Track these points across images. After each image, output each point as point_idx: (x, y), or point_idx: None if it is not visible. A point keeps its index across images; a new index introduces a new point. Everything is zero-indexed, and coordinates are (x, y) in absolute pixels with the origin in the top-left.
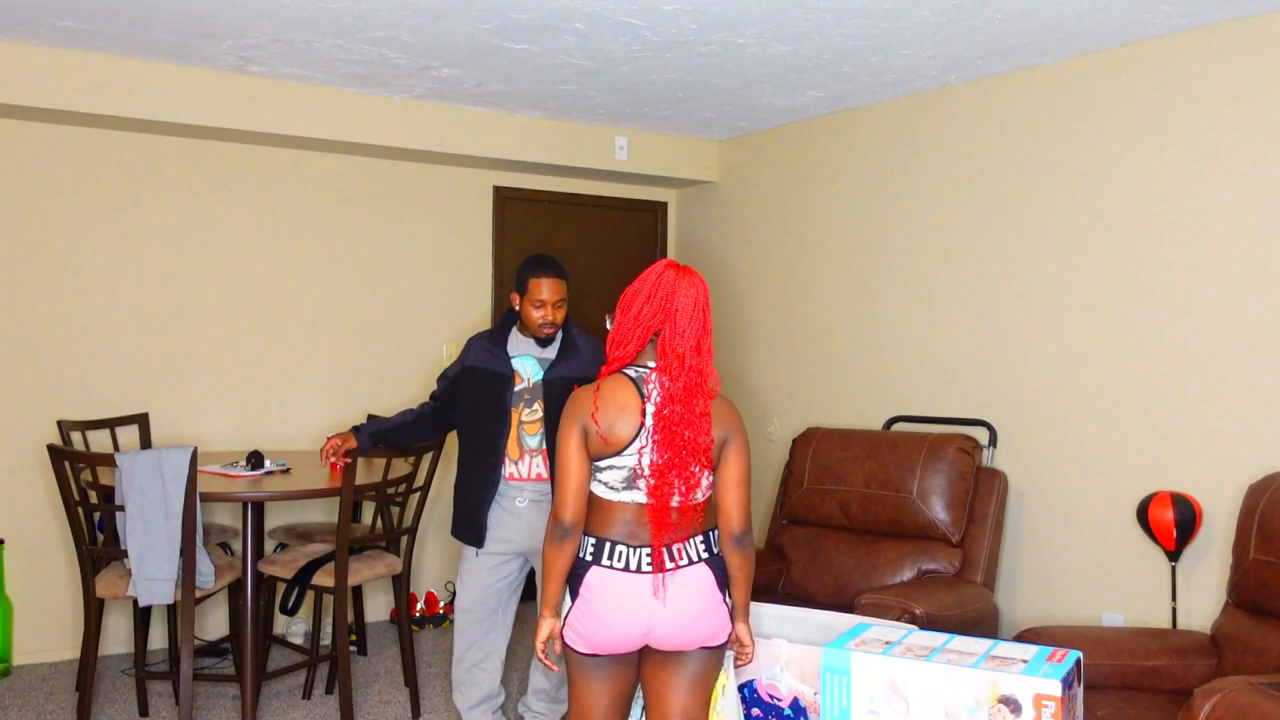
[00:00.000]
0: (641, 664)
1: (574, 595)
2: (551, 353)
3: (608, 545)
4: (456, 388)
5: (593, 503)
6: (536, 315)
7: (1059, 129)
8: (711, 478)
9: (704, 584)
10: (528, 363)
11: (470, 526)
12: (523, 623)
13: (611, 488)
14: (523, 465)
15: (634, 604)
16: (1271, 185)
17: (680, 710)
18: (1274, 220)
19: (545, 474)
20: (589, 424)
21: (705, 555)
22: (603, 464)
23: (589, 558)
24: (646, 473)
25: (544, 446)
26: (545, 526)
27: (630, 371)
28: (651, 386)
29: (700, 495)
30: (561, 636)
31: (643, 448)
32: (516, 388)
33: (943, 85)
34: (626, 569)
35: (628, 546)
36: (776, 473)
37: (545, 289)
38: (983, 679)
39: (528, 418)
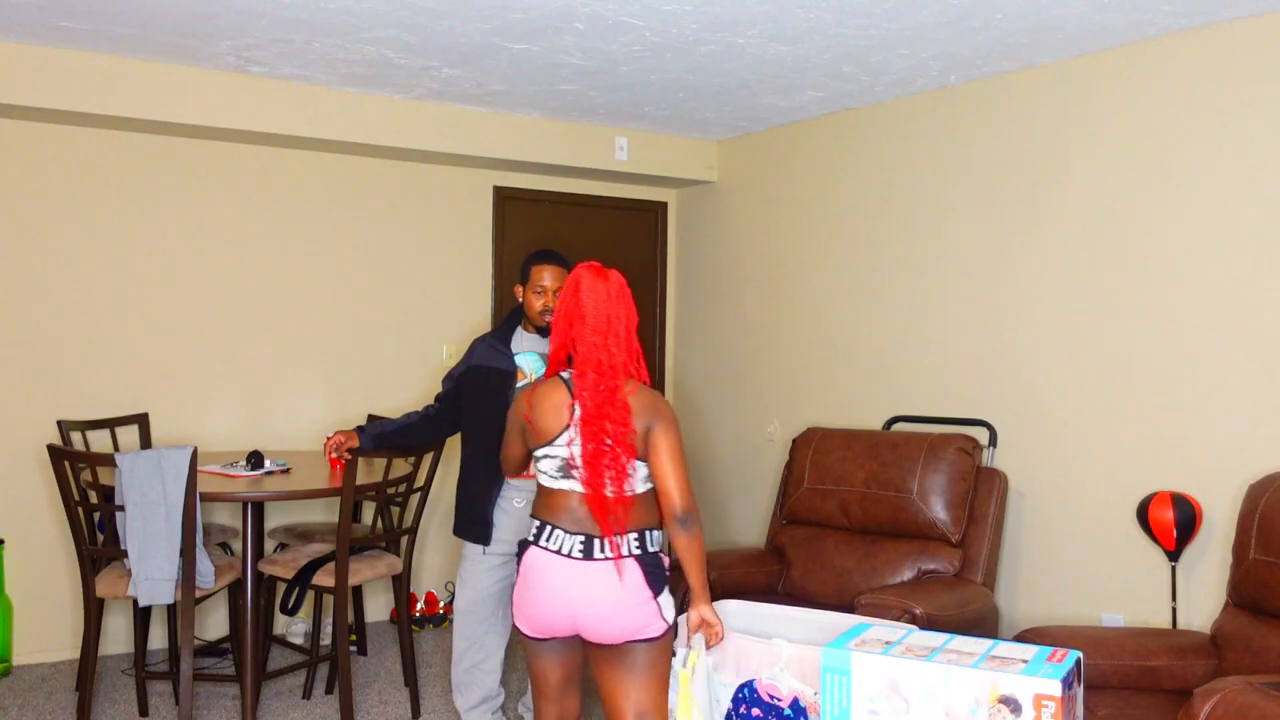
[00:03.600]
0: (589, 659)
1: (518, 573)
2: (545, 345)
3: (548, 529)
4: (461, 387)
5: (539, 491)
6: (538, 303)
7: (1059, 129)
8: (645, 470)
9: (629, 579)
10: (531, 358)
11: (476, 524)
12: None
13: (551, 476)
14: None
15: (556, 586)
16: (1272, 185)
17: (633, 705)
18: (1275, 220)
19: None
20: (524, 423)
21: (637, 551)
22: (539, 453)
23: (530, 538)
24: (579, 463)
25: None
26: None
27: (564, 374)
28: (577, 384)
29: (636, 487)
30: (513, 618)
31: (571, 441)
32: (519, 383)
33: (943, 85)
34: (558, 552)
35: (566, 532)
36: (776, 473)
37: (547, 275)
38: (983, 679)
39: None
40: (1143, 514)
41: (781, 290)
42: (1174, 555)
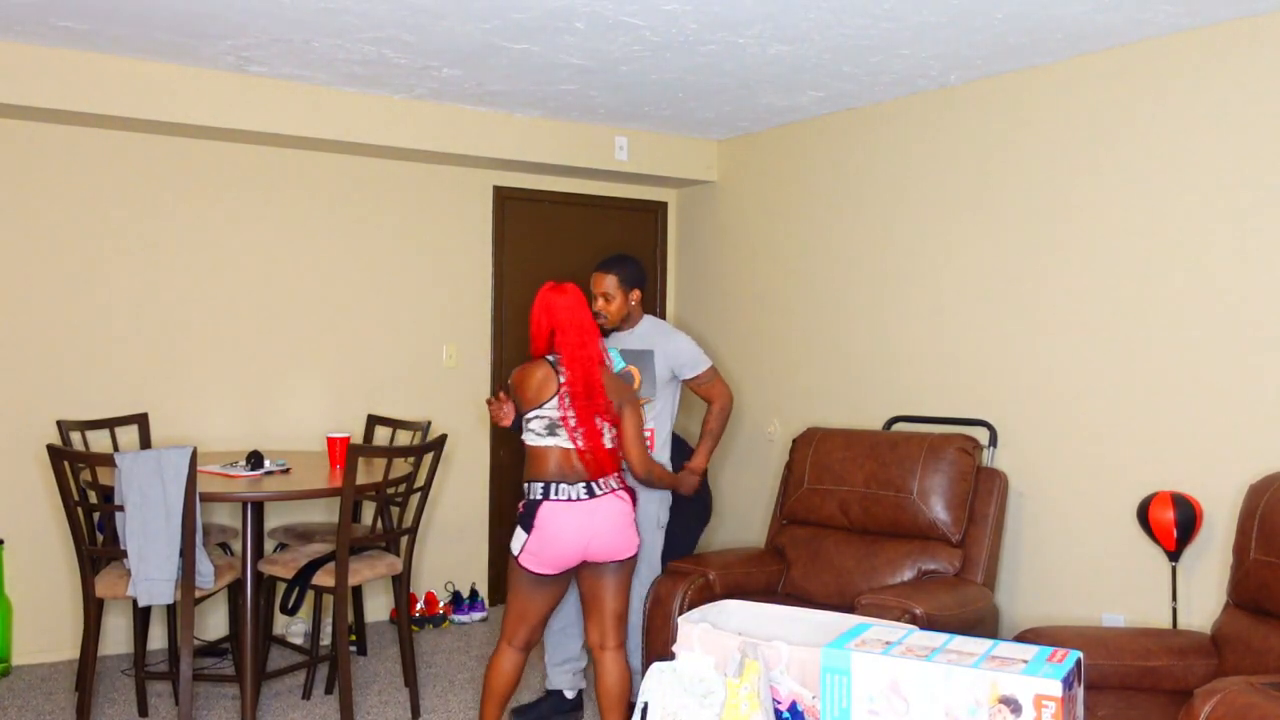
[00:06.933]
0: (578, 580)
1: (528, 529)
2: (623, 340)
3: (552, 486)
4: None
5: (529, 454)
6: (592, 308)
7: (1059, 129)
8: (613, 431)
9: (623, 506)
10: (612, 354)
11: None
12: None
13: (538, 434)
14: None
15: (577, 524)
16: (1272, 185)
17: (613, 610)
18: (1275, 219)
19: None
20: (518, 394)
21: (618, 487)
22: (529, 415)
23: (539, 497)
24: (573, 424)
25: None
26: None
27: (549, 357)
28: (563, 367)
29: (606, 443)
30: (518, 564)
31: (559, 407)
32: None
33: (943, 85)
34: (570, 500)
35: (567, 484)
36: (776, 473)
37: (594, 282)
38: (983, 679)
39: None
40: (1143, 514)
41: (781, 290)
42: (1174, 555)
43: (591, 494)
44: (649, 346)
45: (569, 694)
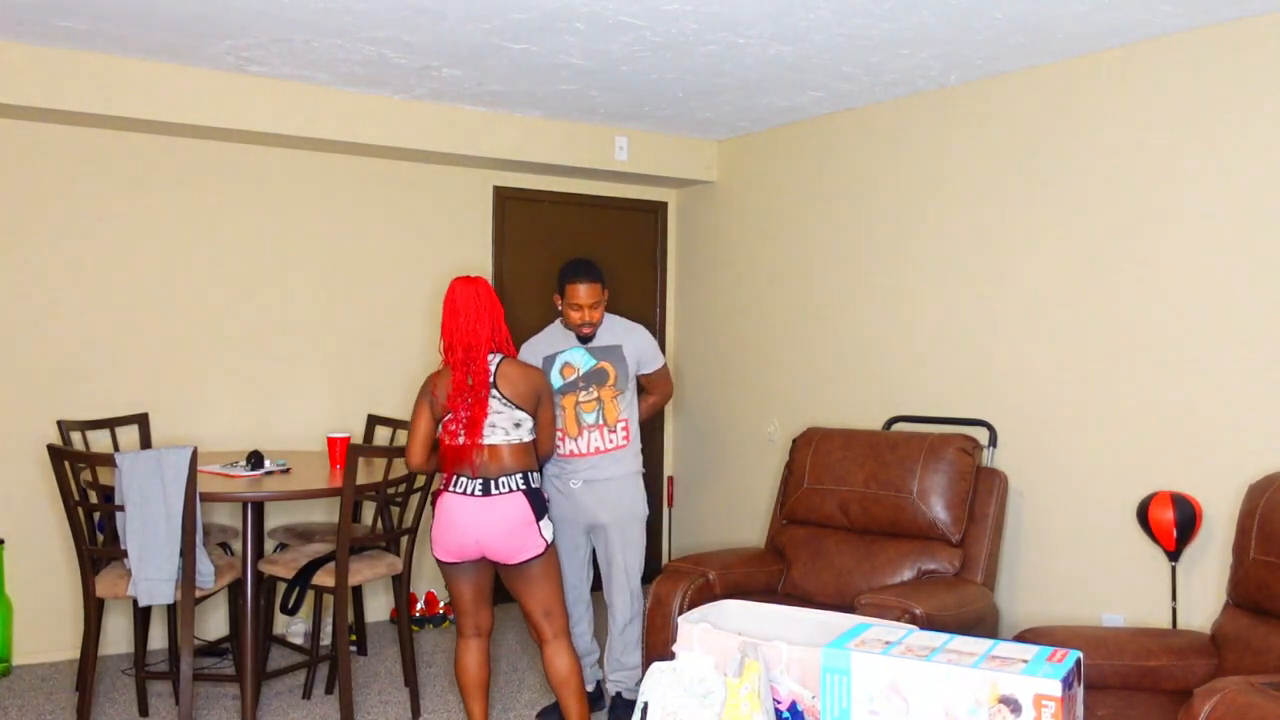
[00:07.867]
0: (501, 578)
1: (434, 515)
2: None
3: (455, 478)
4: None
5: (447, 450)
6: (575, 316)
7: (1059, 129)
8: (516, 424)
9: (518, 510)
10: (578, 354)
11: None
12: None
13: (456, 435)
14: (581, 441)
15: (467, 519)
16: (1272, 185)
17: (539, 607)
18: (1275, 219)
19: (603, 446)
20: (433, 396)
21: (522, 487)
22: (448, 418)
23: (443, 487)
24: (453, 421)
25: (600, 422)
26: (599, 503)
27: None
28: (449, 358)
29: (524, 437)
30: (432, 551)
31: (454, 407)
32: (570, 378)
33: (943, 85)
34: (463, 494)
35: (468, 479)
36: (776, 473)
37: (581, 293)
38: (983, 679)
39: (584, 399)
40: (1143, 514)
41: (781, 290)
42: (1174, 555)
43: (486, 492)
44: (617, 342)
45: (587, 686)
